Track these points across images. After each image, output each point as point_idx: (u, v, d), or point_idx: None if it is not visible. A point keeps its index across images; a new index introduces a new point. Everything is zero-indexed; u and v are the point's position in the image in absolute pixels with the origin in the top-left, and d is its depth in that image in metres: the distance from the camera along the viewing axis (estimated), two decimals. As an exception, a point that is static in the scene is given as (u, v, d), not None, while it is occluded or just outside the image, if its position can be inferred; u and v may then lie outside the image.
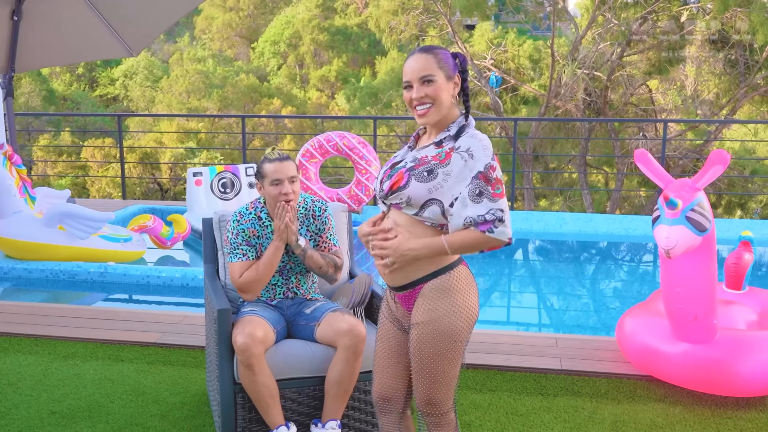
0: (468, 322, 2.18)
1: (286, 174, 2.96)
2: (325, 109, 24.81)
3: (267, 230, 3.04)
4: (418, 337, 2.19)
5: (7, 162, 6.10)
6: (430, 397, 2.23)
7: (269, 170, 2.96)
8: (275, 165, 2.96)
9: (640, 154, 3.41)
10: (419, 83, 2.13)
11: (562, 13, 15.71)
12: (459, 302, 2.16)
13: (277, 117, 20.75)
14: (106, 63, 28.08)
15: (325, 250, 3.10)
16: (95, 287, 5.91)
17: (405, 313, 2.30)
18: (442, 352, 2.17)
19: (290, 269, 3.09)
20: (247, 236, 3.02)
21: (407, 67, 2.16)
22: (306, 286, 3.15)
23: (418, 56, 2.14)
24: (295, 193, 2.99)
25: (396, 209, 2.18)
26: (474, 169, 2.07)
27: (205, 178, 7.49)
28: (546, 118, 14.37)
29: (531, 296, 6.53)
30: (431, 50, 2.15)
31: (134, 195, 19.06)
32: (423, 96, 2.13)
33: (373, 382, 2.41)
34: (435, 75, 2.12)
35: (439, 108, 2.14)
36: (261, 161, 3.04)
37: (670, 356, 3.50)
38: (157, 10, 7.19)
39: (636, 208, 16.03)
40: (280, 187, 2.95)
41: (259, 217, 3.05)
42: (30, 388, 3.59)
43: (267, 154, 3.04)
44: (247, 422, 2.90)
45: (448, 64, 2.15)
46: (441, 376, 2.20)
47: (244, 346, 2.73)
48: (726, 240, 6.98)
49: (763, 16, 12.70)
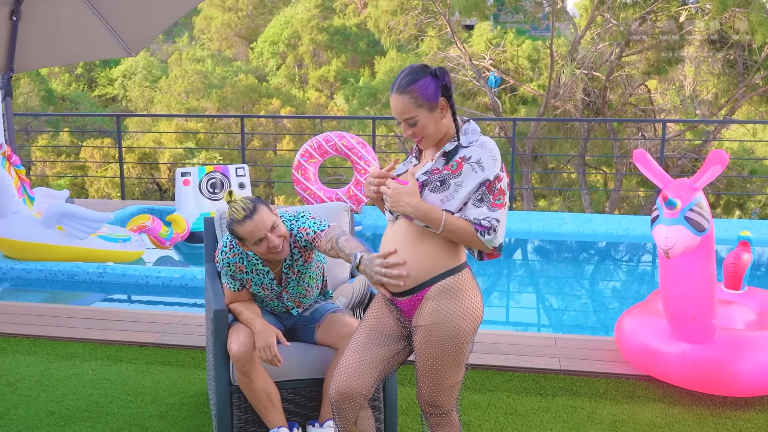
0: (474, 324, 2.21)
1: (265, 227, 2.62)
2: (324, 109, 24.79)
3: (255, 266, 2.84)
4: (424, 339, 2.20)
5: (6, 162, 6.10)
6: (435, 398, 2.25)
7: (245, 233, 2.62)
8: (248, 225, 2.60)
9: (638, 154, 3.41)
10: (405, 124, 2.19)
11: (561, 14, 15.71)
12: (465, 304, 2.19)
13: (276, 117, 20.73)
14: (104, 63, 28.04)
15: (319, 243, 2.73)
16: (94, 287, 5.91)
17: (405, 319, 2.30)
18: (448, 354, 2.19)
19: (287, 298, 2.95)
20: (232, 271, 2.84)
21: (392, 106, 2.19)
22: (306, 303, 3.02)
23: (396, 98, 2.15)
24: (285, 238, 2.69)
25: (407, 219, 2.20)
26: (481, 178, 2.14)
27: (193, 178, 7.45)
28: (545, 118, 14.37)
29: (530, 296, 6.53)
30: (406, 89, 2.13)
31: (133, 195, 19.04)
32: (411, 134, 2.20)
33: (335, 376, 2.28)
34: (416, 115, 2.15)
35: (431, 136, 2.20)
36: (229, 223, 2.65)
37: (669, 356, 3.50)
38: (156, 10, 7.18)
39: (635, 208, 16.02)
40: (266, 243, 2.65)
41: (248, 255, 2.83)
42: (29, 389, 3.59)
43: (231, 213, 2.63)
44: (243, 423, 2.89)
45: (426, 96, 2.13)
46: (446, 377, 2.22)
47: (238, 355, 2.70)
48: (725, 240, 6.98)
49: (761, 16, 12.70)
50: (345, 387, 2.26)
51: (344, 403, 2.27)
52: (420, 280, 2.20)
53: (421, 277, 2.20)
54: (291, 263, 2.86)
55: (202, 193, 7.44)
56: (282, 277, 2.89)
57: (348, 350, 2.32)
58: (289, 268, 2.87)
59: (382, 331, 2.32)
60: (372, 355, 2.28)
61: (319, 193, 7.80)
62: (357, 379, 2.26)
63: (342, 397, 2.26)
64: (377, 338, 2.31)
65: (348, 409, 2.28)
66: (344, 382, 2.26)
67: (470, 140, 2.19)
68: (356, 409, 2.29)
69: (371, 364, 2.27)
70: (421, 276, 2.20)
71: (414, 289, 2.22)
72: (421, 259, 2.19)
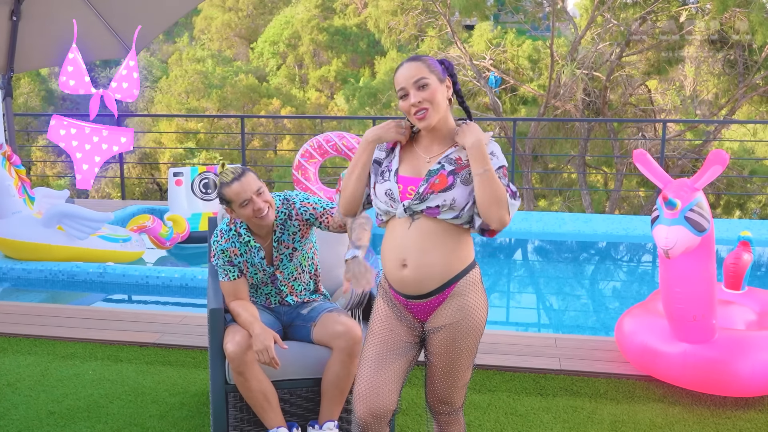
0: (486, 316, 2.31)
1: (251, 190, 2.76)
2: (324, 109, 24.79)
3: (249, 245, 2.90)
4: (451, 336, 2.23)
5: (6, 162, 6.10)
6: (450, 395, 2.31)
7: (232, 194, 2.77)
8: (235, 186, 2.76)
9: (639, 154, 3.41)
10: (415, 89, 2.18)
11: (561, 14, 15.71)
12: (483, 296, 2.29)
13: (276, 117, 20.72)
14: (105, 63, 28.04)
15: (329, 219, 2.88)
16: (94, 287, 5.91)
17: (417, 324, 2.30)
18: (470, 348, 2.27)
19: (280, 280, 3.00)
20: (228, 257, 2.90)
21: (400, 76, 2.20)
22: (300, 290, 3.07)
23: (408, 65, 2.21)
24: (270, 205, 2.83)
25: (430, 215, 2.18)
26: (497, 166, 2.20)
27: (185, 178, 7.42)
28: (545, 118, 14.37)
29: (530, 296, 6.53)
30: (419, 58, 2.23)
31: (133, 195, 19.04)
32: (420, 100, 2.18)
33: (361, 397, 2.25)
34: (428, 78, 2.19)
35: (437, 109, 2.20)
36: (219, 187, 2.81)
37: (669, 356, 3.50)
38: (156, 11, 7.18)
39: (635, 208, 16.02)
40: (251, 206, 2.78)
41: (239, 233, 2.91)
42: (29, 389, 3.59)
43: (221, 177, 2.81)
44: (239, 422, 2.89)
45: (437, 68, 2.24)
46: (464, 373, 2.30)
47: (233, 355, 2.71)
48: (725, 240, 6.98)
49: (762, 16, 12.70)
50: (375, 407, 2.24)
51: (374, 423, 2.26)
52: (445, 279, 2.22)
53: (445, 276, 2.22)
54: (281, 236, 2.92)
55: (194, 194, 7.39)
56: (274, 255, 2.94)
57: (366, 368, 2.28)
58: (279, 242, 2.93)
59: (396, 343, 2.30)
60: (393, 370, 2.27)
61: (319, 193, 7.80)
62: (385, 397, 2.25)
63: (373, 417, 2.25)
64: (394, 352, 2.29)
65: (378, 428, 2.27)
66: (373, 402, 2.23)
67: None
68: (385, 425, 2.29)
69: (393, 380, 2.27)
70: (444, 275, 2.21)
71: (439, 288, 2.23)
72: (445, 259, 2.20)
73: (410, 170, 2.26)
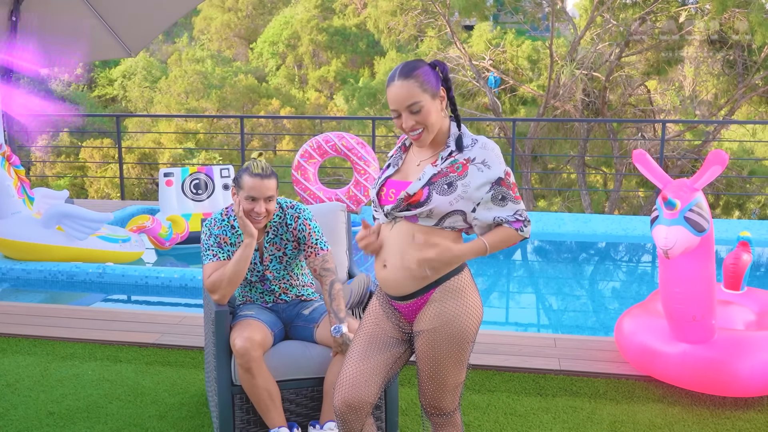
0: (477, 323, 2.21)
1: (264, 194, 2.80)
2: (323, 109, 24.79)
3: (240, 239, 2.91)
4: (430, 342, 2.18)
5: (6, 162, 6.10)
6: (439, 400, 2.24)
7: (247, 185, 2.79)
8: (255, 181, 2.78)
9: (638, 154, 3.41)
10: (407, 112, 2.12)
11: (561, 14, 15.71)
12: (469, 303, 2.19)
13: (275, 117, 20.74)
14: (104, 63, 28.04)
15: (312, 255, 2.95)
16: (94, 288, 5.91)
17: (405, 323, 2.30)
18: (452, 355, 2.18)
19: (271, 280, 3.01)
20: (218, 241, 2.91)
21: (392, 96, 2.12)
22: (296, 289, 3.08)
23: (400, 84, 2.10)
24: (269, 213, 2.85)
25: (409, 221, 2.17)
26: (492, 177, 2.13)
27: (176, 178, 7.40)
28: (544, 118, 14.38)
29: (530, 297, 6.53)
30: (411, 74, 2.11)
31: (133, 195, 19.03)
32: (414, 124, 2.13)
33: (338, 387, 2.24)
34: (420, 100, 2.10)
35: (431, 130, 2.16)
36: (243, 168, 2.85)
37: (669, 356, 3.50)
38: (156, 11, 7.18)
39: (634, 208, 16.03)
40: (254, 205, 2.80)
41: (232, 226, 2.93)
42: (28, 389, 3.59)
43: (250, 164, 2.84)
44: (245, 423, 2.89)
45: (430, 83, 2.12)
46: (450, 379, 2.21)
47: (242, 350, 2.72)
48: (724, 240, 6.98)
49: (761, 16, 12.71)
50: (350, 397, 2.22)
51: (350, 414, 2.23)
52: (424, 282, 2.18)
53: (424, 280, 2.18)
54: (273, 238, 2.95)
55: (185, 194, 7.36)
56: (264, 253, 2.95)
57: (349, 360, 2.28)
58: (270, 243, 2.95)
59: (381, 337, 2.28)
60: (374, 362, 2.25)
61: (319, 194, 7.80)
62: (362, 388, 2.22)
63: (348, 407, 2.22)
64: (377, 345, 2.27)
65: (354, 419, 2.24)
66: (349, 392, 2.22)
67: (467, 143, 2.18)
68: (362, 418, 2.25)
69: (374, 372, 2.24)
70: (424, 279, 2.18)
71: (418, 292, 2.20)
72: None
73: (399, 174, 2.26)
